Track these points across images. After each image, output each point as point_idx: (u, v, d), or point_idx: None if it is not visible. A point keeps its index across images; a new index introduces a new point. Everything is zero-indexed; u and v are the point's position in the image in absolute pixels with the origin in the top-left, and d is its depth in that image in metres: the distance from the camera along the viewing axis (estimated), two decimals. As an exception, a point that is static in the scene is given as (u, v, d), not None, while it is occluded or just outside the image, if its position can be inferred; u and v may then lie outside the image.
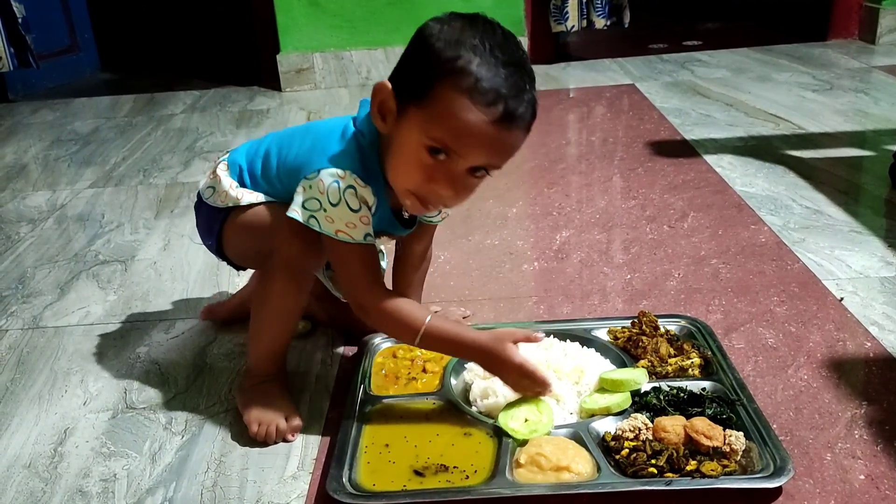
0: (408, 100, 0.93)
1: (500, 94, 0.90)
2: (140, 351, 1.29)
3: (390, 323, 1.02)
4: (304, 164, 1.01)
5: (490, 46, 0.91)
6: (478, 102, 0.89)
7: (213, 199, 1.12)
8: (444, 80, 0.90)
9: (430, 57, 0.91)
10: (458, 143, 0.91)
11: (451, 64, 0.89)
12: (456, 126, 0.90)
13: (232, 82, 3.31)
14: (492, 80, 0.89)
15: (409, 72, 0.94)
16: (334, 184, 0.97)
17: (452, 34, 0.91)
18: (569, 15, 3.06)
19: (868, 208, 1.66)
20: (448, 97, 0.90)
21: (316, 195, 0.98)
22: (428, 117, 0.91)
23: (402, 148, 0.95)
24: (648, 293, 1.36)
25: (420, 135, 0.92)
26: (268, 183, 1.09)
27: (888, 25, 3.08)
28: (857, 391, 1.07)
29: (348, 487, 0.90)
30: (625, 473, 0.91)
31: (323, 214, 0.98)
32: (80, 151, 2.49)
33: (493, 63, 0.90)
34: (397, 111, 0.94)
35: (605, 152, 2.13)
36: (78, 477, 1.00)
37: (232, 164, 1.13)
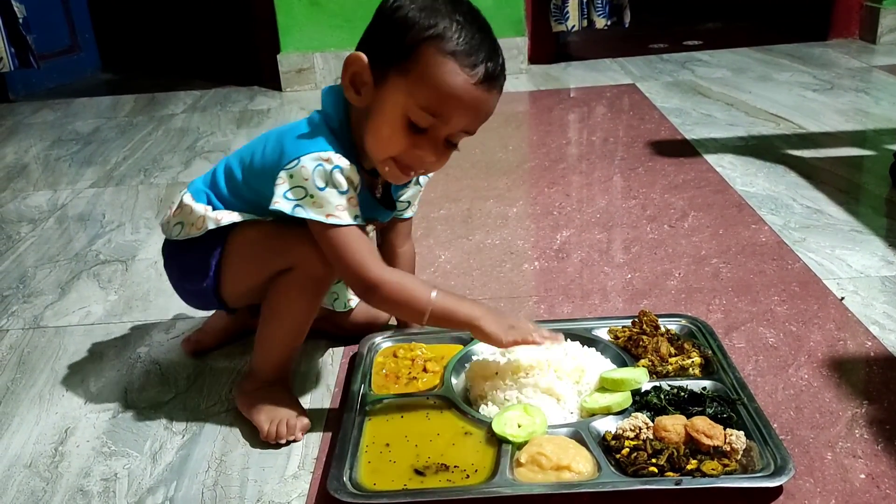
0: (387, 67, 0.94)
1: (481, 56, 0.93)
2: (141, 351, 1.29)
3: (399, 297, 0.99)
4: (278, 159, 0.98)
5: (462, 13, 0.94)
6: (463, 64, 0.92)
7: (188, 231, 1.07)
8: (426, 43, 0.92)
9: (407, 24, 0.92)
10: (442, 106, 0.93)
11: (432, 29, 0.92)
12: (441, 89, 0.92)
13: (232, 82, 3.31)
14: (472, 43, 0.93)
15: (385, 40, 0.94)
16: (319, 167, 0.95)
17: (425, 2, 0.93)
18: (569, 15, 3.06)
19: (869, 208, 1.66)
20: (433, 61, 0.92)
21: (300, 182, 0.96)
22: (412, 83, 0.92)
23: (385, 115, 0.95)
24: (649, 292, 1.36)
25: (406, 100, 0.93)
26: (237, 198, 1.06)
27: (889, 25, 3.08)
28: (858, 390, 1.07)
29: (349, 487, 0.90)
30: (625, 473, 0.91)
31: (310, 201, 0.96)
32: (81, 151, 2.49)
33: (469, 27, 0.93)
34: (375, 80, 0.95)
35: (606, 152, 2.13)
36: (79, 476, 1.00)
37: (196, 192, 1.09)
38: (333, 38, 3.04)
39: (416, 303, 0.99)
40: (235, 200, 1.06)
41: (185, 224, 1.07)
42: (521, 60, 3.08)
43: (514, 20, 3.05)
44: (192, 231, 1.06)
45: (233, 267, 1.06)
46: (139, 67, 3.82)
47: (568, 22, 3.08)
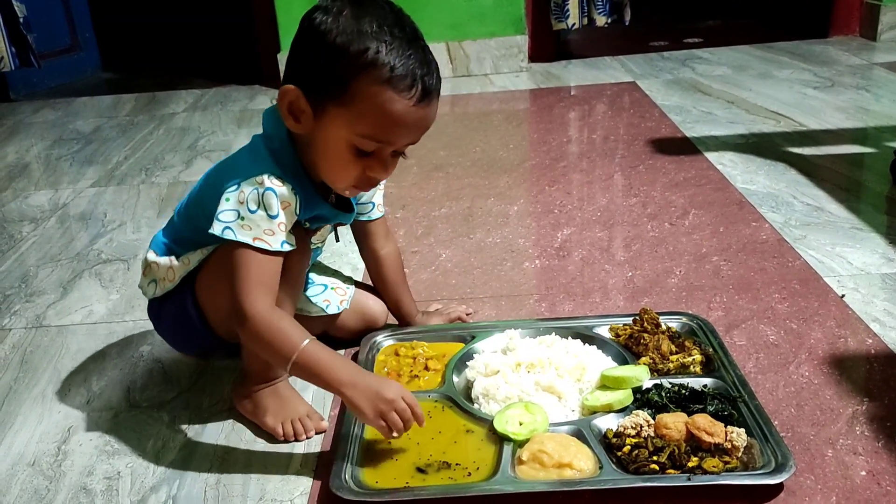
0: (322, 99, 0.93)
1: (416, 75, 0.92)
2: (143, 350, 1.30)
3: (265, 336, 0.93)
4: (220, 185, 0.98)
5: (388, 27, 0.91)
6: (399, 90, 0.91)
7: (162, 286, 1.08)
8: (359, 76, 0.90)
9: (336, 54, 0.90)
10: (387, 133, 0.93)
11: (363, 58, 0.90)
12: (383, 119, 0.92)
13: (233, 81, 3.31)
14: (405, 64, 0.91)
15: (315, 70, 0.92)
16: (254, 191, 0.95)
17: (349, 24, 0.90)
18: (570, 13, 3.06)
19: (869, 205, 1.66)
20: (369, 93, 0.91)
21: (234, 206, 0.95)
22: (353, 115, 0.92)
23: (330, 149, 0.95)
24: (650, 290, 1.37)
25: (348, 132, 0.93)
26: (195, 232, 1.05)
27: (889, 22, 3.08)
28: (859, 388, 1.07)
29: (351, 485, 0.91)
30: (626, 470, 0.91)
31: (239, 224, 0.95)
32: (82, 150, 2.49)
33: (399, 45, 0.91)
34: (313, 109, 0.94)
35: (606, 150, 2.13)
36: (82, 475, 1.01)
37: (157, 247, 1.10)
38: (334, 36, 3.03)
39: (281, 347, 0.93)
40: (194, 235, 1.06)
41: (157, 281, 1.09)
42: (521, 59, 3.08)
43: (515, 18, 3.05)
44: (166, 285, 1.08)
45: (206, 297, 1.06)
46: (140, 67, 3.82)
47: (568, 20, 3.07)
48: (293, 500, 0.94)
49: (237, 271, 0.95)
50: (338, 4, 0.92)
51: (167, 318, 1.12)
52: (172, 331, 1.14)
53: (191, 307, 1.07)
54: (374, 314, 1.24)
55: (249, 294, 0.94)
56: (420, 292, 1.40)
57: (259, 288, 0.94)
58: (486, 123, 2.43)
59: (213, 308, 1.07)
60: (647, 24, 3.76)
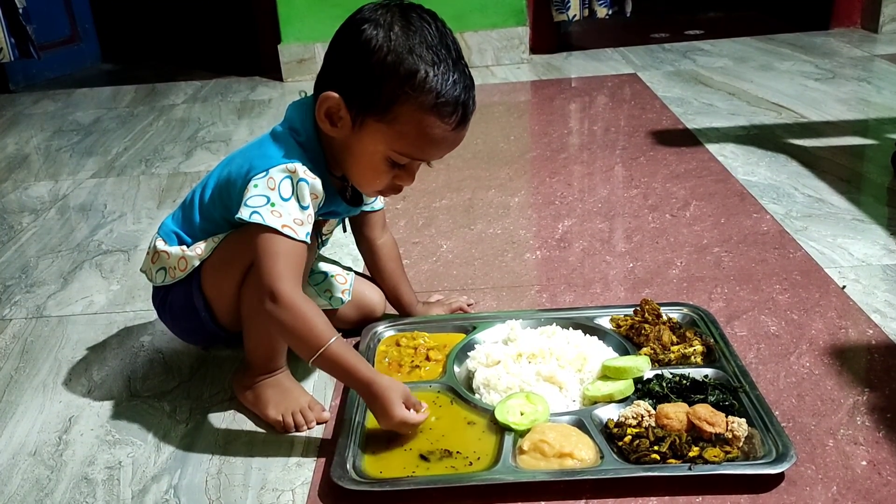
0: (365, 112, 0.94)
1: (458, 102, 0.94)
2: (144, 340, 1.30)
3: (298, 322, 0.93)
4: (246, 172, 0.99)
5: (436, 48, 0.93)
6: (442, 116, 0.94)
7: (172, 275, 1.08)
8: (406, 99, 0.92)
9: (384, 73, 0.92)
10: (423, 153, 0.97)
11: (411, 81, 0.91)
12: (422, 140, 0.95)
13: (233, 72, 3.31)
14: (451, 90, 0.93)
15: (360, 84, 0.93)
16: (286, 178, 0.96)
17: (400, 44, 0.91)
18: (571, 4, 3.05)
19: (870, 196, 1.66)
20: (413, 117, 0.93)
21: (265, 192, 0.96)
22: (393, 134, 0.94)
23: (365, 159, 0.98)
24: (651, 281, 1.37)
25: (385, 147, 0.96)
26: (208, 221, 1.06)
27: (891, 14, 3.07)
28: (859, 378, 1.07)
29: (353, 474, 0.91)
30: (628, 460, 0.91)
31: (269, 209, 0.95)
32: (82, 142, 2.49)
33: (444, 69, 0.93)
34: (352, 120, 0.95)
35: (607, 142, 2.13)
36: (83, 464, 1.01)
37: (166, 236, 1.09)
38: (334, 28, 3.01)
39: (312, 337, 0.93)
40: (207, 224, 1.06)
41: (167, 269, 1.09)
42: (522, 50, 3.08)
43: (516, 10, 3.04)
44: (177, 274, 1.08)
45: (212, 283, 1.06)
46: (139, 58, 3.81)
47: (569, 11, 3.07)
48: (294, 490, 0.94)
49: (265, 254, 0.94)
50: (386, 18, 0.93)
51: (172, 306, 1.12)
52: (177, 319, 1.14)
53: (197, 296, 1.07)
54: (372, 304, 1.24)
55: (281, 276, 0.93)
56: (421, 283, 1.40)
57: (289, 271, 0.94)
58: (487, 115, 2.42)
59: (218, 297, 1.07)
60: (647, 16, 3.75)
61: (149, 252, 1.12)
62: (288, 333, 0.96)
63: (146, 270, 1.13)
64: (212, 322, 1.09)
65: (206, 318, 1.09)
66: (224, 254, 1.05)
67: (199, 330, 1.11)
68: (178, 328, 1.17)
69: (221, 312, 1.08)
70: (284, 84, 3.07)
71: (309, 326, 0.94)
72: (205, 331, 1.11)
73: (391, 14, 0.93)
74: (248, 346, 1.09)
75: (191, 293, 1.08)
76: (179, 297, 1.10)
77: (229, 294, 1.05)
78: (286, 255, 0.95)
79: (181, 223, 1.10)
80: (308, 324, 0.94)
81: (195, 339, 1.20)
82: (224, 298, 1.06)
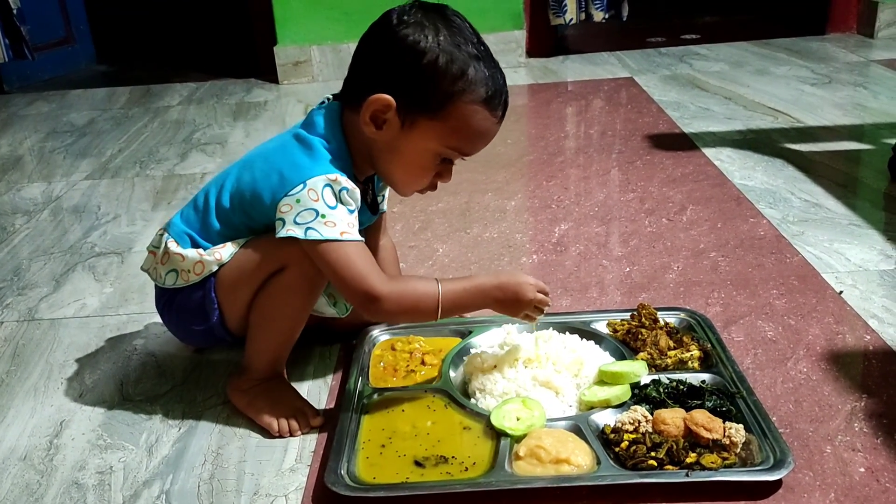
0: (417, 112, 0.97)
1: (502, 94, 0.99)
2: (136, 343, 1.29)
3: (408, 305, 0.98)
4: (276, 185, 0.98)
5: (475, 45, 0.97)
6: (490, 108, 0.98)
7: (185, 278, 1.05)
8: (459, 96, 0.96)
9: (437, 74, 0.95)
10: (472, 146, 1.01)
11: (463, 80, 0.95)
12: (473, 134, 0.99)
13: (229, 75, 3.30)
14: (496, 83, 0.98)
15: (413, 86, 0.96)
16: (328, 186, 0.97)
17: (447, 42, 0.95)
18: (567, 7, 3.05)
19: (867, 201, 1.66)
20: (467, 111, 0.97)
21: (309, 205, 0.96)
22: (446, 130, 0.98)
23: (415, 158, 1.00)
24: (647, 286, 1.36)
25: (437, 145, 0.99)
26: (228, 227, 1.05)
27: (887, 19, 3.07)
28: (857, 384, 1.06)
29: (347, 480, 0.90)
30: (624, 466, 0.90)
31: (321, 221, 0.96)
32: (76, 143, 2.48)
33: (486, 63, 0.97)
34: (403, 122, 0.97)
35: (604, 145, 2.13)
36: (74, 469, 1.00)
37: (178, 237, 1.06)
38: (331, 30, 3.02)
39: (425, 305, 0.99)
40: (226, 230, 1.05)
41: (179, 272, 1.05)
42: (519, 54, 3.07)
43: (513, 13, 3.04)
44: (191, 277, 1.04)
45: (228, 289, 1.04)
46: (134, 59, 3.80)
47: (566, 15, 3.06)
48: (288, 496, 0.93)
49: (340, 265, 0.96)
50: (427, 19, 0.96)
51: (181, 308, 1.08)
52: (184, 322, 1.10)
53: (211, 300, 1.04)
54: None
55: (367, 278, 0.96)
56: (416, 287, 1.39)
57: (368, 267, 0.97)
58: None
59: (232, 302, 1.05)
60: (644, 20, 3.75)
61: (155, 251, 1.09)
62: (404, 317, 1.04)
63: (150, 270, 1.10)
64: (221, 327, 1.07)
65: (216, 323, 1.06)
66: (244, 261, 1.03)
67: (206, 334, 1.08)
68: (183, 330, 1.14)
69: (232, 318, 1.06)
70: (280, 86, 3.06)
71: (417, 299, 0.98)
72: (211, 335, 1.09)
73: (428, 15, 0.97)
74: (252, 350, 1.08)
75: (202, 297, 1.05)
76: (190, 300, 1.06)
77: (244, 300, 1.04)
78: (357, 255, 0.97)
79: (195, 226, 1.07)
80: (415, 297, 0.98)
81: (197, 341, 1.18)
82: (238, 305, 1.05)
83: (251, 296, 1.04)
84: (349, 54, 1.05)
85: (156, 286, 1.12)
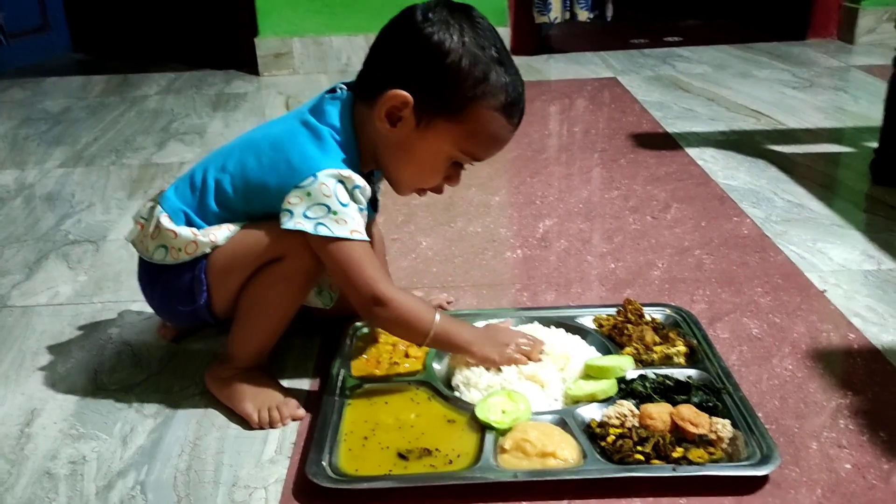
0: (435, 112, 0.96)
1: (520, 102, 0.99)
2: (112, 332, 1.25)
3: (407, 318, 0.98)
4: (285, 174, 0.96)
5: (498, 49, 0.96)
6: (508, 116, 0.98)
7: (175, 256, 1.01)
8: (479, 100, 0.95)
9: (460, 75, 0.94)
10: (486, 151, 1.01)
11: (484, 84, 0.94)
12: (488, 139, 0.99)
13: (208, 65, 3.25)
14: (514, 90, 0.97)
15: (435, 85, 0.94)
16: (340, 183, 0.95)
17: (472, 44, 0.94)
18: (552, 6, 3.05)
19: (849, 202, 1.66)
20: (485, 116, 0.96)
21: (320, 200, 0.94)
22: (462, 133, 0.97)
23: (427, 156, 0.99)
24: (632, 282, 1.35)
25: (451, 147, 0.98)
26: (226, 210, 1.01)
27: (867, 25, 3.11)
28: (842, 381, 1.06)
29: (328, 472, 0.88)
30: (611, 460, 0.89)
31: (332, 218, 0.94)
32: (51, 131, 2.43)
33: (506, 68, 0.96)
34: (419, 120, 0.96)
35: (588, 144, 2.12)
36: (45, 459, 0.97)
37: (173, 213, 1.02)
38: (313, 22, 2.99)
39: (420, 325, 0.99)
40: (225, 213, 1.02)
41: (169, 248, 1.01)
42: (502, 51, 3.06)
43: (497, 10, 3.03)
44: (181, 256, 1.01)
45: (220, 272, 1.01)
46: (111, 48, 3.74)
47: (551, 13, 3.06)
48: (267, 487, 0.90)
49: (350, 265, 0.96)
50: (450, 20, 0.94)
51: (167, 286, 1.04)
52: (168, 299, 1.06)
53: (200, 282, 1.01)
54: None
55: (374, 280, 0.96)
56: (400, 280, 1.37)
57: (377, 272, 0.97)
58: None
59: (222, 286, 1.01)
60: (628, 21, 3.76)
61: (143, 223, 1.05)
62: (398, 328, 1.01)
63: (136, 242, 1.06)
64: (206, 310, 1.04)
65: (202, 305, 1.03)
66: (240, 245, 1.00)
67: (190, 314, 1.05)
68: (165, 308, 1.09)
69: (220, 302, 1.03)
70: (261, 78, 3.03)
71: (416, 317, 0.98)
72: (195, 316, 1.05)
73: (454, 14, 0.95)
74: (238, 338, 1.05)
75: (192, 278, 1.01)
76: (178, 279, 1.02)
77: (235, 286, 1.01)
78: (366, 257, 0.96)
79: (192, 204, 1.03)
80: (414, 314, 0.98)
81: (179, 320, 1.15)
82: (228, 289, 1.02)
83: (243, 281, 1.01)
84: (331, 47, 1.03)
85: (140, 259, 1.08)
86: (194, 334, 1.23)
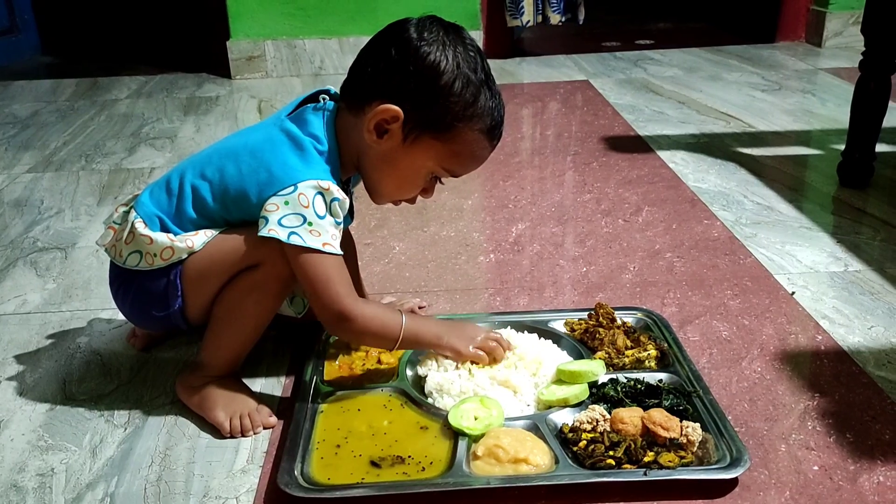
0: (423, 128, 0.97)
1: (502, 124, 1.02)
2: (80, 341, 1.24)
3: (372, 327, 0.99)
4: (265, 182, 0.96)
5: (486, 72, 0.99)
6: (490, 137, 1.01)
7: (150, 261, 1.00)
8: (467, 122, 0.97)
9: (451, 96, 0.96)
10: (465, 170, 1.04)
11: (473, 108, 0.97)
12: (470, 159, 1.02)
13: (179, 68, 3.22)
14: (498, 114, 1.00)
15: (426, 103, 0.96)
16: (318, 196, 0.95)
17: (466, 66, 0.96)
18: (524, 10, 3.06)
19: (817, 205, 1.69)
20: (470, 137, 0.99)
21: (297, 210, 0.94)
22: (447, 151, 0.99)
23: (409, 170, 1.01)
24: (604, 286, 1.36)
25: (434, 164, 1.00)
26: (205, 217, 1.01)
27: (834, 29, 3.15)
28: (810, 383, 1.08)
29: (300, 481, 0.87)
30: (583, 465, 0.90)
31: (307, 228, 0.94)
32: (19, 135, 2.39)
33: (492, 92, 0.99)
34: (406, 136, 0.98)
35: (560, 147, 2.13)
36: (13, 471, 0.95)
37: (148, 218, 1.01)
38: (285, 25, 2.97)
39: (387, 333, 1.00)
40: (202, 219, 1.01)
41: (143, 254, 1.00)
42: (475, 54, 3.07)
43: (470, 14, 3.03)
44: (156, 262, 1.00)
45: (195, 279, 1.00)
46: (81, 51, 3.69)
47: (523, 17, 3.07)
48: (239, 497, 0.90)
49: (318, 279, 0.96)
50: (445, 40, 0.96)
51: (140, 291, 1.03)
52: (141, 304, 1.04)
53: (174, 288, 1.00)
54: None
55: (346, 297, 0.97)
56: (373, 285, 1.37)
57: (344, 287, 0.97)
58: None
59: (197, 292, 1.01)
60: (600, 25, 3.79)
61: (116, 228, 1.03)
62: (367, 339, 1.04)
63: (109, 247, 1.04)
64: (180, 316, 1.03)
65: (176, 311, 1.02)
66: (216, 252, 0.99)
67: (163, 320, 1.03)
68: (138, 314, 1.07)
69: (194, 308, 1.02)
70: (233, 81, 3.00)
71: (382, 325, 1.00)
72: (168, 322, 1.03)
73: (448, 35, 0.97)
74: (212, 346, 1.04)
75: (166, 283, 1.00)
76: (152, 285, 1.01)
77: (210, 292, 1.01)
78: (336, 271, 0.97)
79: (167, 209, 1.01)
80: (380, 323, 1.00)
81: (151, 326, 1.13)
82: (203, 296, 1.01)
83: (219, 288, 1.01)
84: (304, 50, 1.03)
85: (112, 264, 1.06)
86: (164, 343, 1.21)
